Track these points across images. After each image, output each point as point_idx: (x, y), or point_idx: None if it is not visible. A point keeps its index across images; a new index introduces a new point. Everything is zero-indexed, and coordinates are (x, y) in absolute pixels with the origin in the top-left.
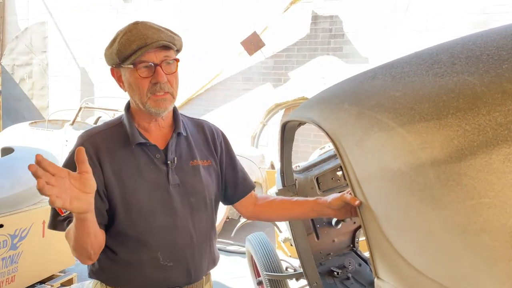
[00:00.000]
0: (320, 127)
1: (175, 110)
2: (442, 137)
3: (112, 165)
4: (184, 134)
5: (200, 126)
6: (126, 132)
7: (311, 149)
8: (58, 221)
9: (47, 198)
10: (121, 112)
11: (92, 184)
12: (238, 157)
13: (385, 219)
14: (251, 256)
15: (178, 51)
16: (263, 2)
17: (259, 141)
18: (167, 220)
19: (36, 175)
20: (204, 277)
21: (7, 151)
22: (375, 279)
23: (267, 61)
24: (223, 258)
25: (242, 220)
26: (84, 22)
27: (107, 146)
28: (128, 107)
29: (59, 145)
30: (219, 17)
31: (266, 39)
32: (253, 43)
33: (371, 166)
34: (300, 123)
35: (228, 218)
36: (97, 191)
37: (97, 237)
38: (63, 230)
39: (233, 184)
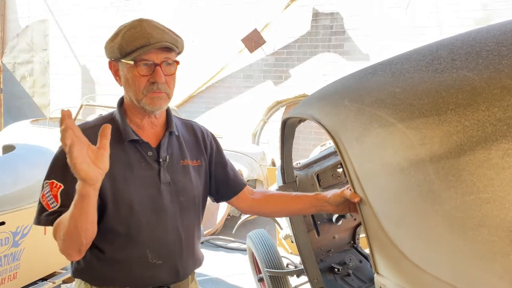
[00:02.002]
0: (320, 123)
1: (167, 110)
2: (441, 132)
3: None
4: (176, 133)
5: (190, 126)
6: (118, 128)
7: (312, 146)
8: (45, 215)
9: None
10: None
11: (106, 162)
12: (238, 155)
13: (384, 215)
14: (252, 253)
15: (179, 53)
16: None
17: (260, 138)
18: (157, 217)
19: (67, 127)
20: (189, 276)
21: (9, 149)
22: (375, 275)
23: (268, 58)
24: (224, 255)
25: (243, 217)
26: (85, 19)
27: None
28: (120, 103)
29: (60, 143)
30: (220, 15)
31: (266, 36)
32: (253, 41)
33: (371, 162)
34: (301, 120)
35: (229, 216)
36: None
37: (93, 225)
38: (50, 225)
39: (225, 183)
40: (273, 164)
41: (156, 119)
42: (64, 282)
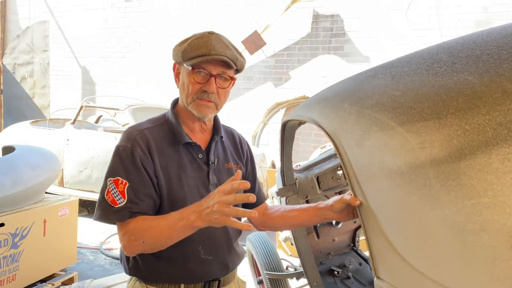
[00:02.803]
0: (320, 126)
1: (215, 115)
2: (441, 136)
3: (160, 161)
4: (222, 138)
5: (230, 132)
6: (172, 130)
7: (312, 148)
8: (113, 211)
9: (48, 197)
10: (121, 111)
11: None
12: None
13: (384, 219)
14: (252, 255)
15: (238, 71)
16: (264, 1)
17: (260, 140)
18: None
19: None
20: (235, 268)
21: (8, 150)
22: (375, 279)
23: (268, 60)
24: None
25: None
26: (85, 21)
27: (155, 142)
28: (174, 105)
29: (60, 144)
30: (220, 16)
31: (267, 38)
32: (254, 42)
33: (371, 165)
34: (301, 122)
35: None
36: (153, 184)
37: None
38: (120, 220)
39: (251, 192)
40: (273, 166)
41: (205, 124)
42: (63, 284)
